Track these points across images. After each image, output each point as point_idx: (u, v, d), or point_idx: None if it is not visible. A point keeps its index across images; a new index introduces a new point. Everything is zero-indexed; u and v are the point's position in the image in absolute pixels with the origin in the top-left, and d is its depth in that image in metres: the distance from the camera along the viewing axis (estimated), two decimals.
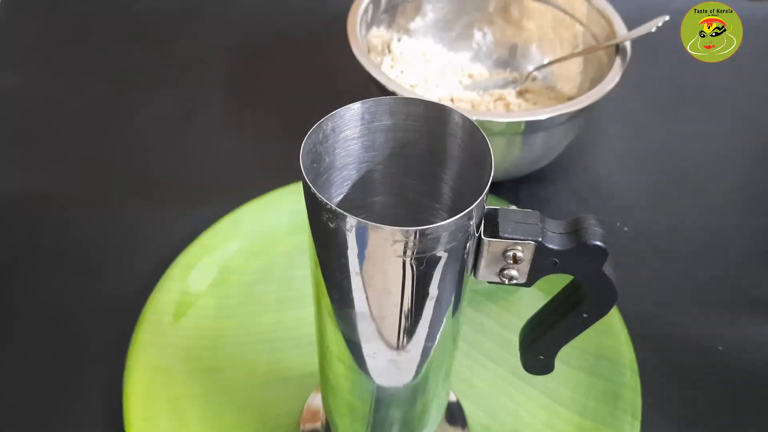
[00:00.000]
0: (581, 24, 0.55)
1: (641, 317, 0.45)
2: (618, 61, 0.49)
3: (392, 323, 0.26)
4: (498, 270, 0.26)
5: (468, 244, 0.25)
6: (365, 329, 0.27)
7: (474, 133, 0.25)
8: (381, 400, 0.31)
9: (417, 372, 0.29)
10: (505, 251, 0.26)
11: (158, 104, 0.59)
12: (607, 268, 0.27)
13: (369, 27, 0.54)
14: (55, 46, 0.64)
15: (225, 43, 0.66)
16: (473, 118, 0.26)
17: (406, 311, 0.26)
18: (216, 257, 0.46)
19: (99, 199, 0.51)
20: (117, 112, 0.58)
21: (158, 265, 0.46)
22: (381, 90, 0.47)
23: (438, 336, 0.28)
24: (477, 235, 0.25)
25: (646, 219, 0.52)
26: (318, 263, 0.26)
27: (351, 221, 0.22)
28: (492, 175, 0.24)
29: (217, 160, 0.55)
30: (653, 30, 0.48)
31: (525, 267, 0.26)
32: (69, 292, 0.46)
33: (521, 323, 0.33)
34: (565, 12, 0.56)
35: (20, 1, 0.69)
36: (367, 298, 0.25)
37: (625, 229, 0.51)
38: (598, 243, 0.25)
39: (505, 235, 0.25)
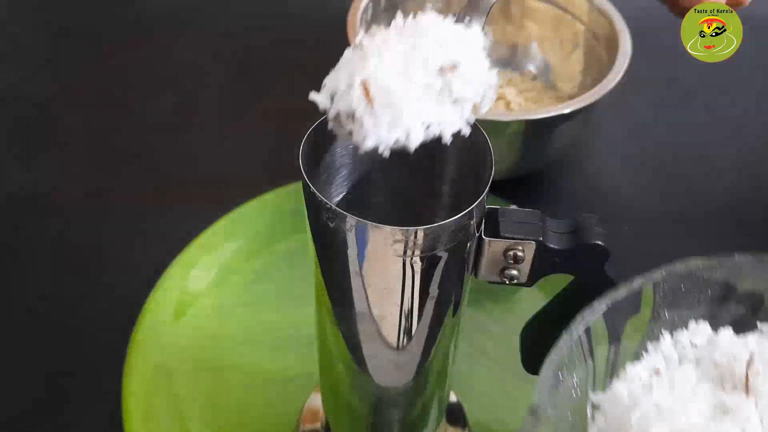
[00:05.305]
0: (582, 23, 0.55)
1: None
2: (618, 60, 0.49)
3: (392, 323, 0.26)
4: (499, 270, 0.26)
5: (468, 244, 0.25)
6: (365, 329, 0.27)
7: (474, 132, 0.25)
8: (381, 400, 0.31)
9: (417, 372, 0.29)
10: (506, 251, 0.25)
11: (158, 104, 0.59)
12: (609, 268, 0.27)
13: (369, 26, 0.54)
14: (55, 46, 0.64)
15: (225, 42, 0.66)
16: (473, 117, 0.26)
17: (406, 311, 0.26)
18: (216, 257, 0.46)
19: (98, 199, 0.51)
20: (117, 112, 0.58)
21: (158, 265, 0.46)
22: None
23: (438, 336, 0.28)
24: (477, 234, 0.25)
25: (646, 219, 0.52)
26: (318, 263, 0.26)
27: (351, 221, 0.22)
28: (492, 174, 0.24)
29: (216, 160, 0.55)
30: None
31: (526, 267, 0.26)
32: (68, 292, 0.45)
33: (522, 323, 0.33)
34: (566, 11, 0.55)
35: (20, 1, 0.69)
36: (367, 298, 0.25)
37: (626, 228, 0.51)
38: (599, 242, 0.25)
39: (506, 235, 0.25)
